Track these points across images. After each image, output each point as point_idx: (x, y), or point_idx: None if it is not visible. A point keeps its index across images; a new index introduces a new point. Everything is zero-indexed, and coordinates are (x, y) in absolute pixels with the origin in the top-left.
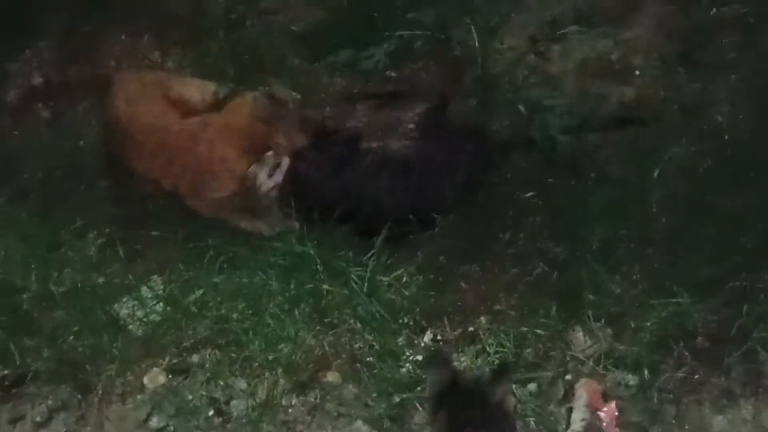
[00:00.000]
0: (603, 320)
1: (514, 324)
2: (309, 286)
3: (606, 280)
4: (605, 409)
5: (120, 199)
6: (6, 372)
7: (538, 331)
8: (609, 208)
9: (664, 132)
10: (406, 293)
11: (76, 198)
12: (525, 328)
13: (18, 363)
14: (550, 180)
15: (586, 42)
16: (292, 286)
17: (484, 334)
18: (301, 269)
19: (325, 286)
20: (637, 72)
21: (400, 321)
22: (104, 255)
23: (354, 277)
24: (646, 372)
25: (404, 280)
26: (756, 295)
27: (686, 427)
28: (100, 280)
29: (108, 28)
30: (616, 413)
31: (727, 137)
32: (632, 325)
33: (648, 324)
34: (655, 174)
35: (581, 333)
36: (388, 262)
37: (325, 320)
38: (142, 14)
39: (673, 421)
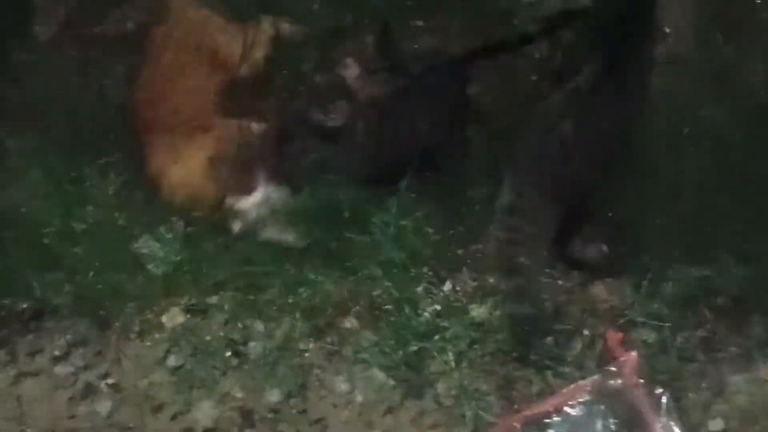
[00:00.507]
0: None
1: None
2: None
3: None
4: (625, 358)
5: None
6: (25, 305)
7: (560, 281)
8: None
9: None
10: (428, 240)
11: (101, 136)
12: (545, 279)
13: (38, 297)
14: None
15: None
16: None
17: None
18: (323, 215)
19: (348, 234)
20: (668, 30)
21: (421, 270)
22: (126, 193)
23: (377, 221)
24: (666, 329)
25: (426, 226)
26: None
27: (703, 384)
28: (121, 219)
29: None
30: (636, 363)
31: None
32: (655, 282)
33: (671, 283)
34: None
35: (602, 287)
36: (409, 206)
37: (346, 265)
38: None
39: (691, 378)
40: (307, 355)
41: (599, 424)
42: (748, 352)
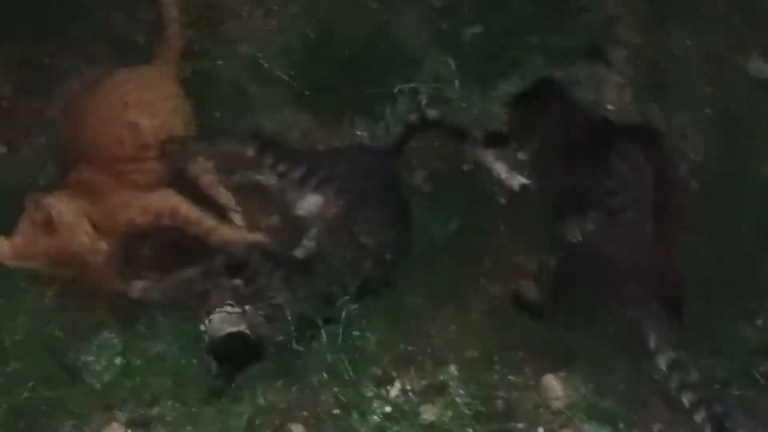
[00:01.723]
0: (581, 371)
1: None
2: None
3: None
4: None
5: None
6: None
7: (511, 378)
8: None
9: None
10: (374, 339)
11: None
12: (496, 377)
13: None
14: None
15: None
16: None
17: (454, 383)
18: None
19: (294, 346)
20: (610, 107)
21: (368, 371)
22: (61, 303)
23: (324, 332)
24: (621, 426)
25: (373, 326)
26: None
27: None
28: (56, 329)
29: (64, 56)
30: None
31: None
32: (610, 378)
33: (623, 377)
34: None
35: (556, 382)
36: (356, 309)
37: (290, 373)
38: (99, 41)
39: None
40: None
41: None
42: None
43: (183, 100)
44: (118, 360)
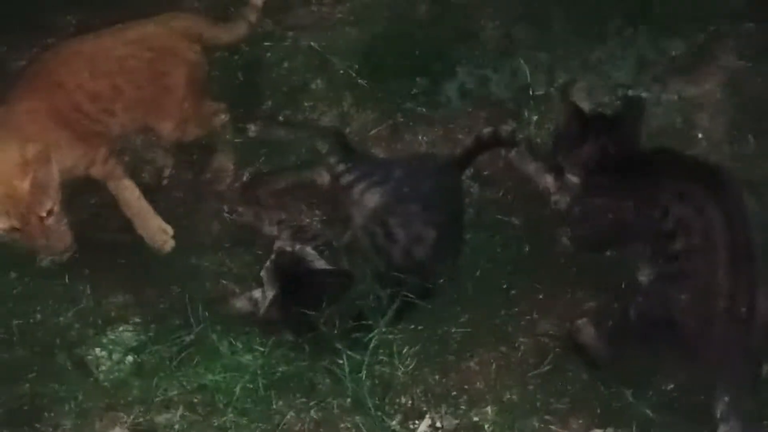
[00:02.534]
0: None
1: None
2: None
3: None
4: None
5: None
6: None
7: (553, 428)
8: None
9: None
10: (405, 368)
11: None
12: (537, 425)
13: None
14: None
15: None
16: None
17: (489, 427)
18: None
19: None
20: (700, 135)
21: (397, 401)
22: (74, 292)
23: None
24: None
25: (404, 353)
26: None
27: None
28: (67, 319)
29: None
30: None
31: None
32: None
33: None
34: None
35: None
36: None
37: (312, 394)
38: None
39: None
40: None
41: None
42: None
43: None
44: (129, 358)
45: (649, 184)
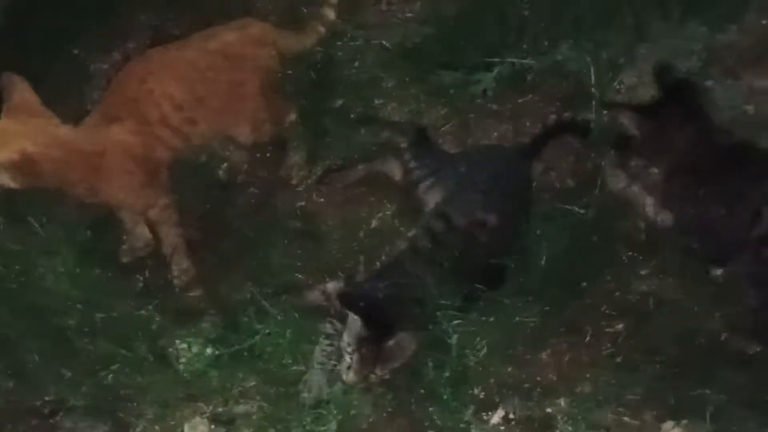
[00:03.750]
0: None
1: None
2: None
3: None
4: None
5: None
6: (47, 399)
7: (626, 419)
8: None
9: None
10: (478, 358)
11: None
12: (611, 416)
13: (57, 393)
14: None
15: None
16: None
17: (562, 419)
18: None
19: None
20: None
21: (470, 392)
22: (156, 285)
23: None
24: None
25: (477, 344)
26: None
27: None
28: (148, 312)
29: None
30: None
31: None
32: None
33: None
34: None
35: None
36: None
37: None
38: (234, 15)
39: None
40: None
41: None
42: None
43: None
44: (209, 350)
45: (738, 184)
